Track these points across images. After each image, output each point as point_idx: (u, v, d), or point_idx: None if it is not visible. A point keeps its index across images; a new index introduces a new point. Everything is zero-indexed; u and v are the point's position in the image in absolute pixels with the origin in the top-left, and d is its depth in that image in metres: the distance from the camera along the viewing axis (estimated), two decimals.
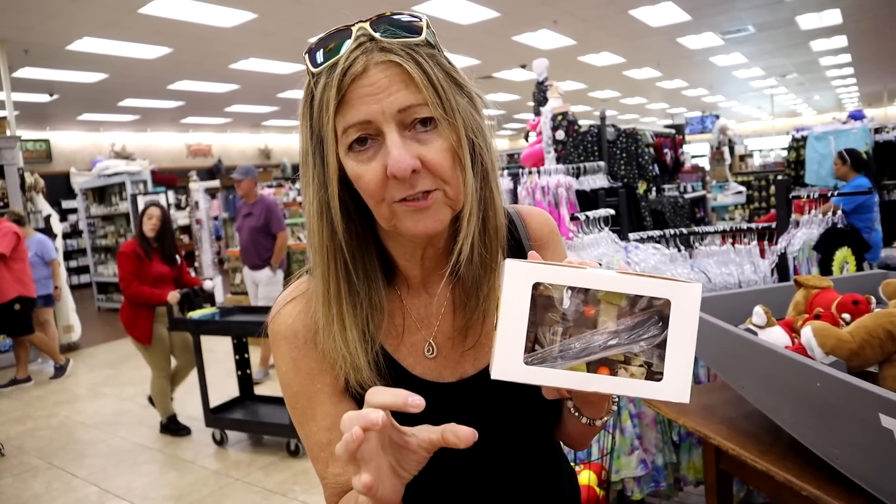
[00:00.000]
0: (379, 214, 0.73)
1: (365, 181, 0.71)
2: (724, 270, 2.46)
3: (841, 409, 1.21)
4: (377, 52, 0.69)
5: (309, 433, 0.83)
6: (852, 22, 9.97)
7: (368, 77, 0.68)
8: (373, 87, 0.68)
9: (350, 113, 0.69)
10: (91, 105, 11.90)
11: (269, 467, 3.71)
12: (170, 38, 7.95)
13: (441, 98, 0.70)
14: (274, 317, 0.85)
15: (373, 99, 0.68)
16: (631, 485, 2.39)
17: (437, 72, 0.71)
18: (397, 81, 0.68)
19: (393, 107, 0.68)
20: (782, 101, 20.71)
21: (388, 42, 0.69)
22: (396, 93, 0.68)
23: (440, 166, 0.71)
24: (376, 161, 0.70)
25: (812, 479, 1.37)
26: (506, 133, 24.59)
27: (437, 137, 0.71)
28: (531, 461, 0.88)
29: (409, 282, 0.85)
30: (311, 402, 0.82)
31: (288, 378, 0.83)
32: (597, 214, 2.57)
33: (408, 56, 0.69)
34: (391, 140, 0.68)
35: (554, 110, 4.54)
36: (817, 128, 5.91)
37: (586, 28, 9.28)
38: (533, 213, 0.94)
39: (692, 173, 8.11)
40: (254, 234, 5.31)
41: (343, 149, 0.71)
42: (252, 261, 5.43)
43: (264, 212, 5.30)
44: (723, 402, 1.91)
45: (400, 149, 0.68)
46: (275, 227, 5.36)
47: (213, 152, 17.56)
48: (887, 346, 1.32)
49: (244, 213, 5.40)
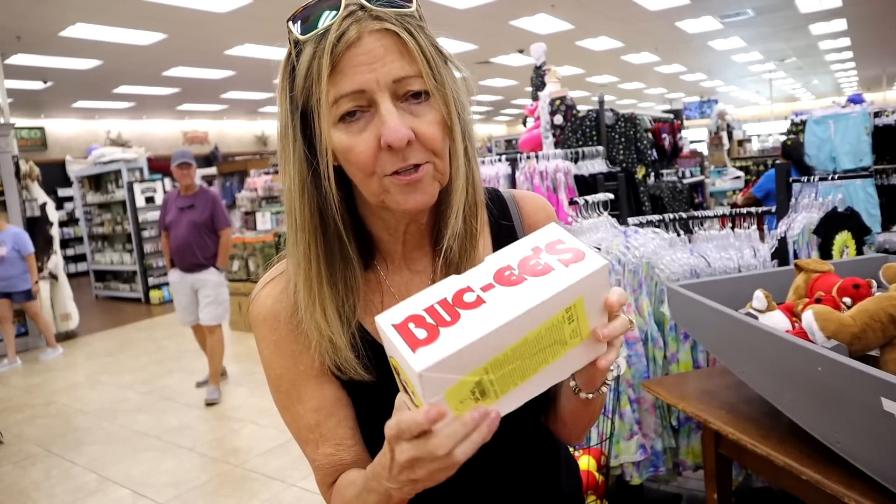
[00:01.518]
0: (368, 189, 0.72)
1: (356, 153, 0.69)
2: (724, 255, 2.44)
3: (842, 393, 1.21)
4: (371, 20, 0.67)
5: (296, 416, 0.82)
6: (852, 5, 9.89)
7: (363, 45, 0.66)
8: (368, 55, 0.66)
9: (343, 82, 0.67)
10: (86, 92, 11.81)
11: (267, 454, 3.72)
12: (164, 24, 7.86)
13: (433, 70, 0.69)
14: (253, 299, 0.84)
15: (367, 68, 0.66)
16: (630, 469, 2.39)
17: (429, 43, 0.70)
18: (393, 51, 0.67)
19: (388, 76, 0.67)
20: (781, 85, 20.63)
21: (380, 11, 0.67)
22: (392, 62, 0.67)
23: (433, 138, 0.70)
24: (368, 132, 0.68)
25: (812, 464, 1.37)
26: (504, 118, 24.51)
27: (429, 110, 0.70)
28: (524, 447, 0.88)
29: (391, 258, 0.83)
30: (296, 385, 0.81)
31: (270, 361, 0.82)
32: (596, 199, 2.56)
33: (401, 26, 0.67)
34: (386, 109, 0.67)
35: (552, 95, 4.50)
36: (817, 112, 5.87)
37: (584, 12, 9.20)
38: (528, 197, 0.92)
39: (690, 158, 8.09)
40: (196, 231, 4.60)
41: (332, 119, 0.69)
42: (192, 261, 4.63)
43: (209, 205, 4.65)
44: (722, 386, 1.91)
45: (395, 118, 0.66)
46: (221, 222, 4.70)
47: (209, 139, 17.47)
48: (889, 329, 1.31)
49: (181, 206, 4.65)
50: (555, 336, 0.58)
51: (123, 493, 3.38)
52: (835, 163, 5.23)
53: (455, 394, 0.54)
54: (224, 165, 12.60)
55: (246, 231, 8.00)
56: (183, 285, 4.70)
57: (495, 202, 0.90)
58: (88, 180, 10.23)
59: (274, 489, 3.28)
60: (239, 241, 7.28)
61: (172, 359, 6.10)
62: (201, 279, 4.66)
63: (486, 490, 0.85)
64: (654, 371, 2.37)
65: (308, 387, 0.80)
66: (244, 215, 8.44)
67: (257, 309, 0.82)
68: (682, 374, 2.24)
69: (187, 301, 4.74)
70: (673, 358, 2.39)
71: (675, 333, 2.38)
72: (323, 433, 0.80)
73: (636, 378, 2.33)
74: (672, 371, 2.38)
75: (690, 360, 2.39)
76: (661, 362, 2.38)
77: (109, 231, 9.89)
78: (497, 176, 3.73)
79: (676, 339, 2.39)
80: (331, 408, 0.80)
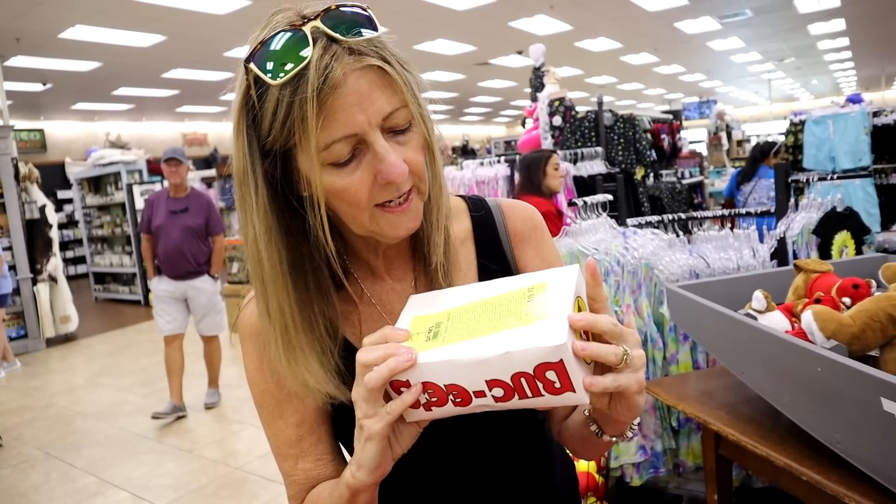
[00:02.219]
0: (357, 222, 0.70)
1: (352, 192, 0.67)
2: (723, 255, 2.44)
3: (842, 393, 1.20)
4: (348, 55, 0.63)
5: (277, 431, 0.81)
6: (850, 5, 9.89)
7: (349, 85, 0.62)
8: (355, 95, 0.63)
9: (333, 126, 0.63)
10: (85, 94, 11.82)
11: (266, 456, 3.71)
12: (163, 26, 7.87)
13: (416, 96, 0.68)
14: (241, 317, 0.83)
15: (358, 109, 0.63)
16: (630, 471, 2.39)
17: (405, 68, 0.67)
18: (377, 86, 0.64)
19: (378, 115, 0.64)
20: (780, 85, 20.63)
21: (354, 43, 0.63)
22: (379, 99, 0.64)
23: (419, 165, 0.69)
24: (362, 170, 0.66)
25: (812, 464, 1.37)
26: (503, 120, 24.52)
27: (413, 136, 0.69)
28: (516, 448, 0.87)
29: (372, 270, 0.83)
30: (279, 402, 0.80)
31: (255, 377, 0.82)
32: (594, 200, 2.56)
33: (379, 57, 0.64)
34: (382, 147, 0.65)
35: (551, 96, 4.51)
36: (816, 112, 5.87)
37: (583, 13, 9.20)
38: (515, 207, 0.91)
39: (690, 159, 8.09)
40: (190, 236, 4.32)
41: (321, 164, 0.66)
42: (186, 268, 4.34)
43: (205, 209, 4.40)
44: (722, 387, 1.91)
45: (393, 154, 0.65)
46: (216, 227, 4.45)
47: (208, 141, 17.46)
48: (888, 329, 1.31)
49: (172, 209, 4.33)
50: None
51: (123, 496, 3.38)
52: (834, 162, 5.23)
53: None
54: (223, 167, 12.55)
55: None
56: (170, 293, 4.38)
57: (480, 210, 0.89)
58: (88, 182, 10.23)
59: (273, 491, 3.27)
60: (238, 242, 7.28)
61: None
62: (196, 287, 4.40)
63: (476, 487, 0.85)
64: (653, 372, 2.37)
65: (291, 403, 0.79)
66: None
67: (243, 326, 0.82)
68: (681, 375, 2.24)
69: (175, 309, 4.40)
70: (672, 359, 2.39)
71: (675, 334, 2.38)
72: (304, 448, 0.80)
73: None
74: (672, 372, 2.37)
75: (690, 361, 2.38)
76: (660, 363, 2.37)
77: (109, 233, 9.88)
78: (496, 177, 3.74)
79: (676, 340, 2.38)
80: (312, 423, 0.81)
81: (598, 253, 2.37)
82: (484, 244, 0.86)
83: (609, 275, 2.36)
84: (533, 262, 0.88)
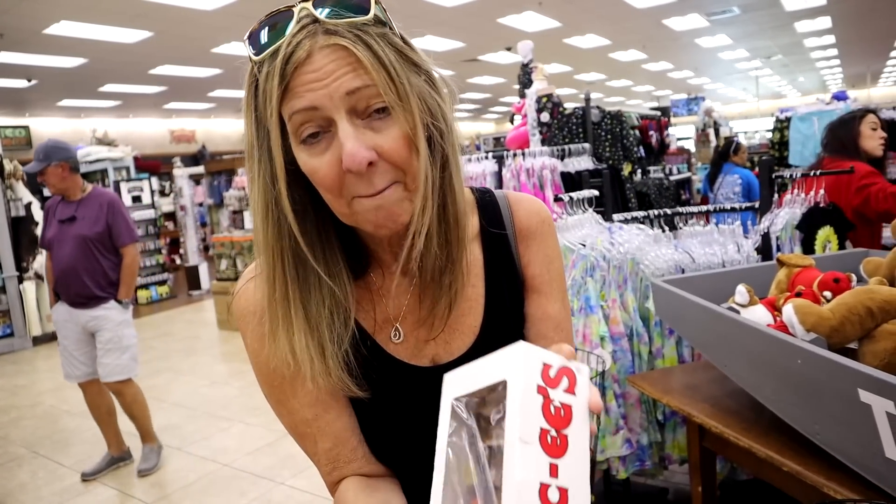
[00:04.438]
0: (338, 210, 0.69)
1: (320, 176, 0.66)
2: (708, 251, 2.46)
3: (821, 385, 1.22)
4: (321, 35, 0.63)
5: (292, 410, 0.80)
6: (836, 3, 9.97)
7: (313, 63, 0.63)
8: (318, 72, 0.63)
9: (295, 101, 0.64)
10: (71, 91, 11.71)
11: (256, 453, 3.71)
12: (150, 22, 7.81)
13: (394, 81, 0.64)
14: (238, 293, 0.81)
15: (318, 84, 0.63)
16: (616, 464, 2.41)
17: (389, 52, 0.65)
18: (344, 65, 0.63)
19: (340, 90, 0.63)
20: (767, 82, 20.75)
21: (332, 24, 0.64)
22: (343, 76, 0.63)
23: (397, 155, 0.66)
24: (329, 153, 0.65)
25: (793, 455, 1.39)
26: (492, 116, 24.52)
27: (392, 124, 0.66)
28: None
29: (383, 263, 0.82)
30: (292, 381, 0.78)
31: (259, 354, 0.79)
32: (580, 196, 2.57)
33: (355, 37, 0.63)
34: (343, 130, 0.63)
35: (539, 93, 4.51)
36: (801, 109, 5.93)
37: (571, 10, 9.22)
38: (523, 201, 0.88)
39: (678, 155, 8.13)
40: (84, 250, 3.34)
41: (295, 141, 0.67)
42: (81, 292, 3.37)
43: (105, 214, 3.39)
44: (707, 380, 1.93)
45: (353, 140, 0.63)
46: (122, 236, 3.44)
47: (196, 138, 17.37)
48: (867, 322, 1.33)
49: (62, 217, 3.39)
50: None
51: (111, 494, 3.37)
52: None
53: None
54: (212, 164, 12.50)
55: (234, 230, 7.99)
56: (71, 325, 3.46)
57: (488, 204, 0.87)
58: None
59: (262, 488, 3.27)
60: (227, 239, 7.27)
61: (160, 359, 6.06)
62: (97, 317, 3.41)
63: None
64: (639, 366, 2.39)
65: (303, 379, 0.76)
66: (232, 214, 8.43)
67: (244, 302, 0.80)
68: (667, 369, 2.26)
69: (77, 346, 3.47)
70: (658, 353, 2.41)
71: (661, 329, 2.40)
72: (321, 427, 0.79)
73: (621, 373, 2.35)
74: (657, 366, 2.40)
75: (675, 355, 2.41)
76: (646, 357, 2.40)
77: None
78: (484, 173, 3.75)
79: (661, 335, 2.40)
80: (328, 400, 0.79)
81: (585, 248, 2.38)
82: (491, 240, 0.85)
83: (595, 270, 2.37)
84: (536, 258, 0.86)
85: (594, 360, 2.24)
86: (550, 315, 0.86)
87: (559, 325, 0.87)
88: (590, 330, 2.32)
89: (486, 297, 0.83)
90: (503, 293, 0.84)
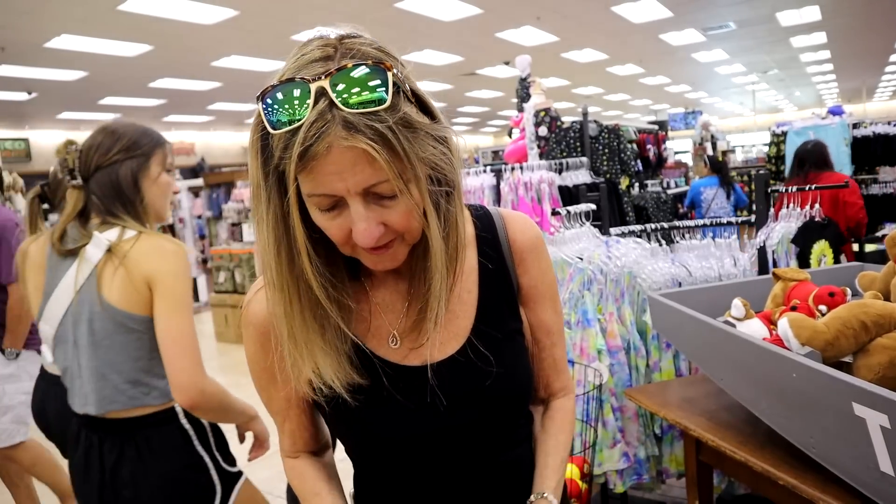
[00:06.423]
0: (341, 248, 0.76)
1: (332, 233, 0.73)
2: (705, 264, 2.47)
3: (816, 398, 1.23)
4: (340, 126, 0.64)
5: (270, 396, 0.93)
6: (831, 19, 10.06)
7: (331, 157, 0.65)
8: (336, 165, 0.65)
9: (313, 184, 0.68)
10: (71, 103, 11.76)
11: (253, 465, 3.67)
12: (150, 36, 7.85)
13: (406, 171, 0.68)
14: (247, 305, 0.88)
15: (337, 177, 0.66)
16: (613, 478, 2.40)
17: (403, 139, 0.66)
18: (362, 161, 0.66)
19: (358, 186, 0.67)
20: (764, 97, 20.88)
21: (350, 114, 0.64)
22: (361, 172, 0.66)
23: (403, 228, 0.73)
24: (341, 219, 0.71)
25: (789, 469, 1.39)
26: (490, 129, 24.61)
27: (400, 203, 0.70)
28: (503, 447, 0.90)
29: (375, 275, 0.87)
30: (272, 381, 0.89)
31: (256, 356, 0.89)
32: (578, 209, 2.58)
33: (374, 134, 0.64)
34: (356, 212, 0.69)
35: (537, 107, 4.54)
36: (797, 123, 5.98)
37: (569, 25, 9.29)
38: (517, 219, 0.94)
39: (675, 169, 8.18)
40: None
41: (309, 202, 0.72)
42: None
43: None
44: (703, 394, 1.93)
45: (365, 221, 0.69)
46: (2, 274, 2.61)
47: (195, 151, 17.41)
48: (861, 336, 1.34)
49: None
50: None
51: None
52: None
53: None
54: (211, 177, 12.47)
55: (233, 242, 7.98)
56: None
57: (483, 220, 0.92)
58: None
59: None
60: (225, 252, 7.26)
61: None
62: None
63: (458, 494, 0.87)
64: (636, 379, 2.39)
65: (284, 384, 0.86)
66: (231, 227, 8.41)
67: (251, 316, 0.87)
68: (664, 383, 2.26)
69: None
70: (655, 366, 2.41)
71: (658, 342, 2.41)
72: (290, 416, 0.95)
73: (619, 386, 2.35)
74: (654, 379, 2.40)
75: (673, 368, 2.41)
76: (643, 371, 2.40)
77: None
78: (482, 187, 3.77)
79: (659, 348, 2.41)
80: (299, 402, 0.93)
81: (582, 262, 2.39)
82: (485, 247, 0.90)
83: (592, 283, 2.38)
84: (531, 271, 0.92)
85: (591, 374, 2.24)
86: (543, 321, 0.96)
87: (550, 331, 0.97)
88: (587, 343, 2.32)
89: (479, 302, 0.88)
90: (497, 300, 0.89)
